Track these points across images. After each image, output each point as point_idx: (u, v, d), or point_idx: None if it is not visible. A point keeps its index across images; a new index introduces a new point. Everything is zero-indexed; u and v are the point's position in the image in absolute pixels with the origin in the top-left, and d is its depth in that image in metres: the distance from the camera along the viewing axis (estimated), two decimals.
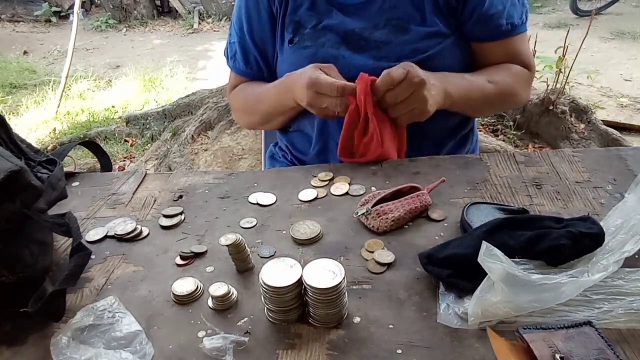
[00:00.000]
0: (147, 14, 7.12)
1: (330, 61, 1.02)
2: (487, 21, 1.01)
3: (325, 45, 1.03)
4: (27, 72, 5.21)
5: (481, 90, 1.01)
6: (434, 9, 0.99)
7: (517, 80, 1.06)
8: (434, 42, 0.99)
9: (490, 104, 1.08)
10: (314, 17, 1.04)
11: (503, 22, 1.01)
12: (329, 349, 0.58)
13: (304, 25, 1.05)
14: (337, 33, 1.03)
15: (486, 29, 1.02)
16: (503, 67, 1.06)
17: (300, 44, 1.05)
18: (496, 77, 1.03)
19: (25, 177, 0.63)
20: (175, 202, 0.88)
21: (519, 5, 1.04)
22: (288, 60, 1.07)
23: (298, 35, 1.05)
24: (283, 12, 1.06)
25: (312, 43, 1.04)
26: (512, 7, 1.02)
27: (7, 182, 0.61)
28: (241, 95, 1.17)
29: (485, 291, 0.58)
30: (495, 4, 1.00)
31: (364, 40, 1.02)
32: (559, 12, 6.29)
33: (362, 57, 1.01)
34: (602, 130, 2.85)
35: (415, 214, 0.78)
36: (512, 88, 1.06)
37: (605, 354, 0.52)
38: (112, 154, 3.29)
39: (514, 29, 1.03)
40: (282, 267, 0.61)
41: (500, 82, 1.03)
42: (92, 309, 0.64)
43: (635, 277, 0.61)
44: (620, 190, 0.80)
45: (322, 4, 1.04)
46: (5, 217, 0.63)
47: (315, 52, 1.03)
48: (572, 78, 3.02)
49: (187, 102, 3.54)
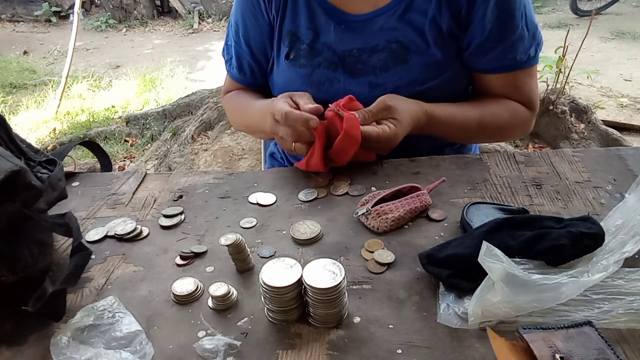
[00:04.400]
0: (147, 14, 7.13)
1: (325, 84, 1.01)
2: (485, 54, 0.96)
3: (321, 65, 1.01)
4: (27, 72, 5.21)
5: (464, 122, 0.99)
6: (436, 35, 0.95)
7: (512, 119, 1.01)
8: (433, 74, 0.96)
9: (471, 137, 1.06)
10: (312, 31, 1.01)
11: (502, 55, 0.96)
12: (329, 349, 0.58)
13: (301, 39, 1.02)
14: (334, 52, 1.00)
15: (482, 61, 0.98)
16: (501, 103, 1.01)
17: (296, 62, 1.02)
18: (487, 111, 0.99)
19: (25, 178, 0.63)
20: (175, 202, 0.88)
21: (528, 38, 0.96)
22: (284, 75, 1.05)
23: (294, 51, 1.03)
24: (280, 20, 1.03)
25: (308, 62, 1.01)
26: (518, 40, 0.95)
27: (7, 182, 0.60)
28: (232, 104, 1.17)
29: (485, 291, 0.58)
30: (495, 36, 0.94)
31: (361, 63, 0.98)
32: (559, 12, 6.29)
33: (357, 83, 0.99)
34: (602, 130, 2.85)
35: (415, 214, 0.78)
36: (499, 126, 1.02)
37: (605, 354, 0.52)
38: (112, 154, 3.29)
39: (517, 64, 0.97)
40: (282, 267, 0.61)
41: (489, 119, 0.99)
42: (92, 309, 0.64)
43: (635, 277, 0.61)
44: (620, 190, 0.80)
45: (321, 16, 1.00)
46: (5, 217, 0.62)
47: (310, 73, 1.01)
48: (572, 78, 3.02)
49: (187, 102, 3.55)
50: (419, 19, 0.95)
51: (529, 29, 0.96)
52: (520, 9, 0.94)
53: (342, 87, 1.00)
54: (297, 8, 1.02)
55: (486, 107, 1.00)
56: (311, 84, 1.02)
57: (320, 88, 1.02)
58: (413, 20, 0.95)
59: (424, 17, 0.95)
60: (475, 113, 0.99)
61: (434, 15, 0.94)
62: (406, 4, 0.95)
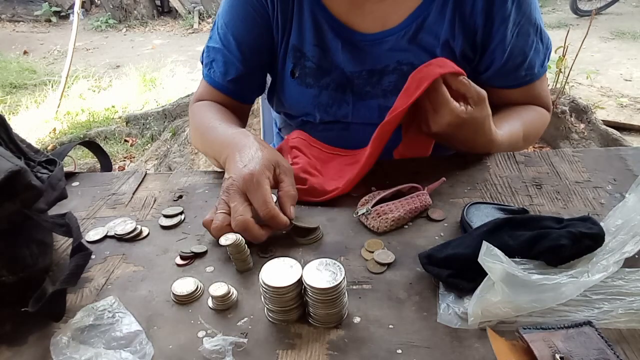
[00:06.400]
0: (147, 14, 7.13)
1: (332, 106, 0.97)
2: (506, 74, 0.96)
3: (329, 87, 0.97)
4: (27, 72, 5.21)
5: (517, 139, 0.96)
6: (448, 58, 0.89)
7: (542, 124, 1.03)
8: None
9: (514, 150, 1.00)
10: (318, 49, 0.96)
11: (522, 73, 0.96)
12: (329, 349, 0.58)
13: (306, 55, 0.96)
14: (343, 73, 0.96)
15: (503, 81, 0.97)
16: (530, 110, 1.01)
17: (303, 80, 0.98)
18: (527, 122, 0.98)
19: (25, 177, 0.62)
20: (175, 202, 0.88)
21: (542, 48, 0.96)
22: (292, 93, 1.01)
23: (299, 68, 0.97)
24: (288, 33, 0.96)
25: (315, 82, 0.98)
26: (534, 54, 0.95)
27: (7, 182, 0.60)
28: (197, 117, 1.01)
29: (485, 291, 0.58)
30: (515, 56, 0.94)
31: (370, 86, 0.96)
32: (559, 12, 6.29)
33: (366, 106, 0.97)
34: (602, 130, 2.86)
35: (415, 214, 0.78)
36: (536, 134, 1.03)
37: (605, 354, 0.52)
38: (112, 154, 3.29)
39: (535, 77, 0.98)
40: (282, 267, 0.61)
41: (529, 129, 0.99)
42: (92, 309, 0.64)
43: (635, 277, 0.61)
44: (620, 190, 0.80)
45: (327, 33, 0.95)
46: (5, 217, 0.62)
47: (318, 94, 0.98)
48: (572, 78, 3.03)
49: (187, 102, 3.55)
50: (431, 41, 0.93)
51: (542, 41, 0.96)
52: (536, 24, 0.94)
53: (350, 110, 0.98)
54: (302, 21, 0.96)
55: (525, 118, 0.99)
56: (318, 106, 1.00)
57: (327, 110, 1.00)
58: (424, 43, 0.93)
59: (436, 39, 0.93)
60: (520, 128, 0.97)
61: (446, 38, 0.92)
62: (417, 25, 0.93)
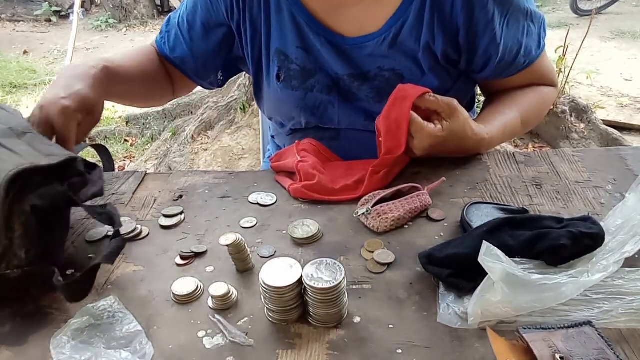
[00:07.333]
0: (147, 14, 7.12)
1: (319, 108, 0.97)
2: (506, 67, 0.92)
3: (314, 89, 0.96)
4: (27, 72, 5.21)
5: (514, 129, 0.95)
6: (431, 62, 0.90)
7: (544, 104, 1.01)
8: None
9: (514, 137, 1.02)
10: (301, 50, 0.94)
11: (521, 60, 0.92)
12: (329, 349, 0.58)
13: (290, 58, 0.95)
14: (327, 75, 0.95)
15: (504, 73, 0.94)
16: (529, 93, 0.98)
17: (288, 83, 0.97)
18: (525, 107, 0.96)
19: (77, 166, 0.71)
20: (175, 202, 0.88)
21: (535, 28, 0.91)
22: (275, 96, 1.00)
23: (284, 70, 0.96)
24: (266, 37, 0.96)
25: (300, 84, 0.96)
26: (528, 39, 0.91)
27: (63, 165, 0.67)
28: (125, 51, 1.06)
29: (485, 291, 0.58)
30: (511, 47, 0.89)
31: (355, 88, 0.94)
32: (559, 11, 6.28)
33: (352, 109, 0.96)
34: (602, 130, 2.86)
35: (415, 214, 0.78)
36: (538, 115, 1.01)
37: (605, 354, 0.52)
38: (113, 153, 3.28)
39: (532, 59, 0.93)
40: (282, 267, 0.61)
41: (529, 113, 0.97)
42: (92, 309, 0.64)
43: (635, 277, 0.61)
44: (621, 190, 0.80)
45: (309, 34, 0.93)
46: (50, 196, 0.66)
47: (303, 96, 0.97)
48: (572, 78, 3.02)
49: (187, 102, 3.55)
50: (411, 46, 0.90)
51: (534, 21, 0.91)
52: (524, 7, 0.89)
53: (336, 112, 0.97)
54: (283, 24, 0.94)
55: (521, 103, 0.97)
56: (304, 108, 0.99)
57: (314, 112, 0.99)
58: (405, 48, 0.90)
59: (417, 43, 0.89)
60: (516, 115, 0.95)
61: (427, 41, 0.88)
62: (396, 30, 0.89)
